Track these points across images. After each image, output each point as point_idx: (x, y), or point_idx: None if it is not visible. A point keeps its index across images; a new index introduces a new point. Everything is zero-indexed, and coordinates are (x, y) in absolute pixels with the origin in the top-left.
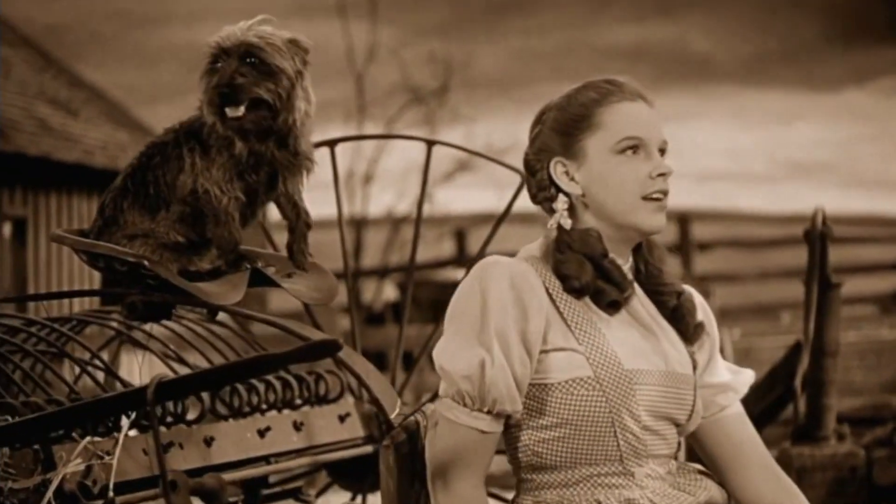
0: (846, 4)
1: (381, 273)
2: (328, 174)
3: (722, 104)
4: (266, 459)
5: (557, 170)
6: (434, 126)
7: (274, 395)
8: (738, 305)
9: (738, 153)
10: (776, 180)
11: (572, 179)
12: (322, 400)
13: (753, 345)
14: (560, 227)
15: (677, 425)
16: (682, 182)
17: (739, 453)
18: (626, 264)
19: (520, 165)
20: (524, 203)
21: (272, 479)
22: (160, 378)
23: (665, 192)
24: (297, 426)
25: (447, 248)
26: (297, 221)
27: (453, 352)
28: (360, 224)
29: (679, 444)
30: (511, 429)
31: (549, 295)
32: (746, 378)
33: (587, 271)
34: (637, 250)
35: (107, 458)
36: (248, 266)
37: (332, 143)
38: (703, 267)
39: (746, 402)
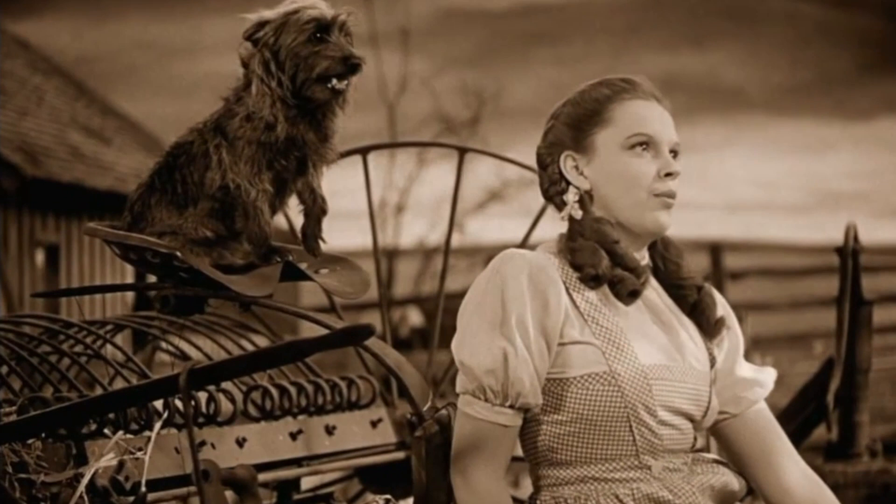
0: (877, 34)
1: (413, 302)
2: (360, 204)
3: (753, 134)
4: (298, 462)
5: (567, 163)
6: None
7: (306, 398)
8: (770, 334)
9: (770, 183)
10: (808, 210)
11: (581, 174)
12: (354, 405)
13: (785, 372)
14: (571, 219)
15: (692, 420)
16: (714, 212)
17: (770, 449)
18: (643, 260)
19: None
20: (555, 230)
21: (306, 486)
22: (193, 364)
23: (671, 194)
24: (330, 430)
25: None
26: (314, 206)
27: (475, 346)
28: (391, 254)
29: (696, 438)
30: (528, 424)
31: (567, 288)
32: (771, 374)
33: (602, 259)
34: (653, 247)
35: (139, 454)
36: (280, 259)
37: (364, 151)
38: (735, 296)
39: (778, 420)
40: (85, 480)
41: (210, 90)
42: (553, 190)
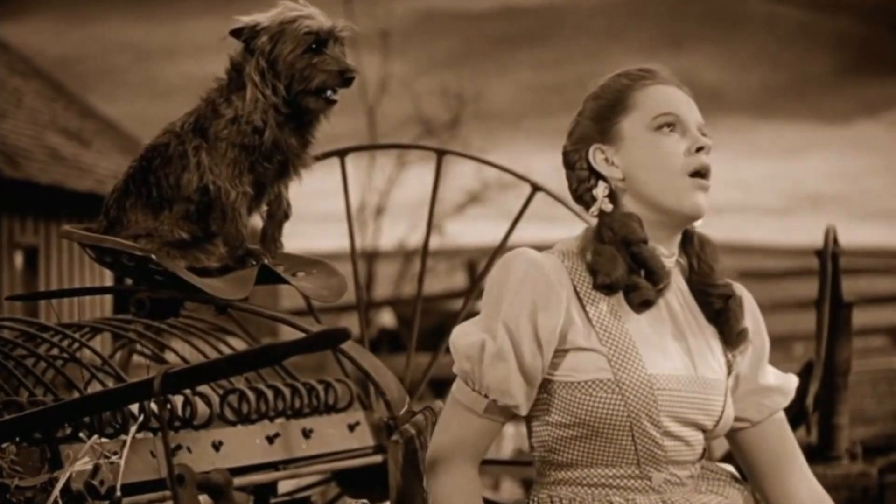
0: (856, 37)
1: (393, 304)
2: (339, 206)
3: (732, 136)
4: (275, 466)
5: (597, 157)
6: (446, 157)
7: (283, 402)
8: None
9: (749, 185)
10: (787, 212)
11: (612, 164)
12: (331, 408)
13: None
14: (602, 213)
15: (704, 431)
16: None
17: (781, 461)
18: (671, 256)
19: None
20: (535, 235)
21: (283, 490)
22: (167, 368)
23: (706, 169)
24: (307, 433)
25: (459, 280)
26: (278, 210)
27: (465, 331)
28: (371, 256)
29: (706, 449)
30: (531, 422)
31: (577, 292)
32: (793, 381)
33: (619, 267)
34: (688, 246)
35: (114, 458)
36: (256, 262)
37: (342, 153)
38: None
39: None
40: (59, 485)
41: (190, 92)
42: (583, 188)
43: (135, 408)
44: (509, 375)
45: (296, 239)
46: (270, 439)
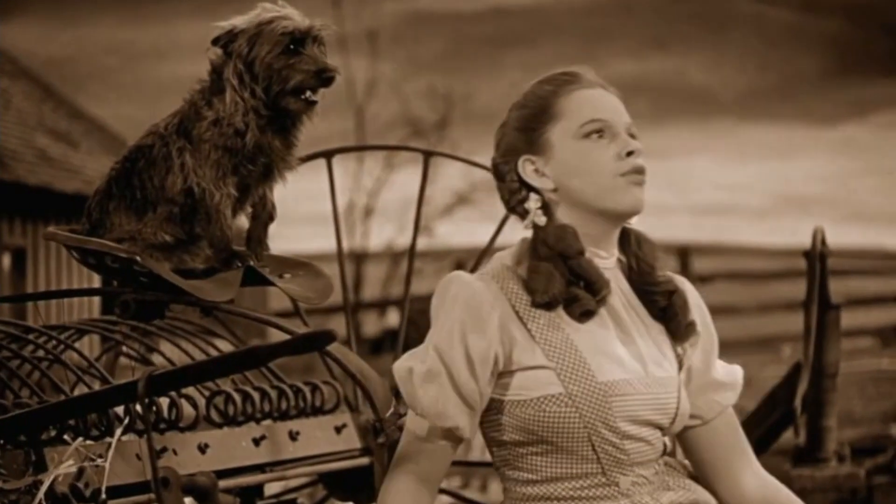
0: (844, 39)
1: (381, 305)
2: (326, 207)
3: (721, 138)
4: (261, 468)
5: (526, 168)
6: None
7: (269, 404)
8: (738, 338)
9: (738, 187)
10: (775, 214)
11: (543, 175)
12: (318, 410)
13: (754, 375)
14: (535, 227)
15: (661, 429)
16: (682, 215)
17: (735, 455)
18: (610, 258)
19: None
20: (523, 235)
21: (270, 492)
22: (152, 370)
23: (639, 169)
24: (293, 436)
25: None
26: (263, 211)
27: (402, 357)
28: (360, 258)
29: (665, 445)
30: (490, 444)
31: (515, 310)
32: (740, 374)
33: (555, 283)
34: (626, 245)
35: (99, 460)
36: (242, 264)
37: (328, 155)
38: (703, 299)
39: (746, 424)
40: (44, 487)
41: (179, 94)
42: (514, 199)
43: (120, 410)
44: (442, 397)
45: (283, 240)
46: (257, 441)
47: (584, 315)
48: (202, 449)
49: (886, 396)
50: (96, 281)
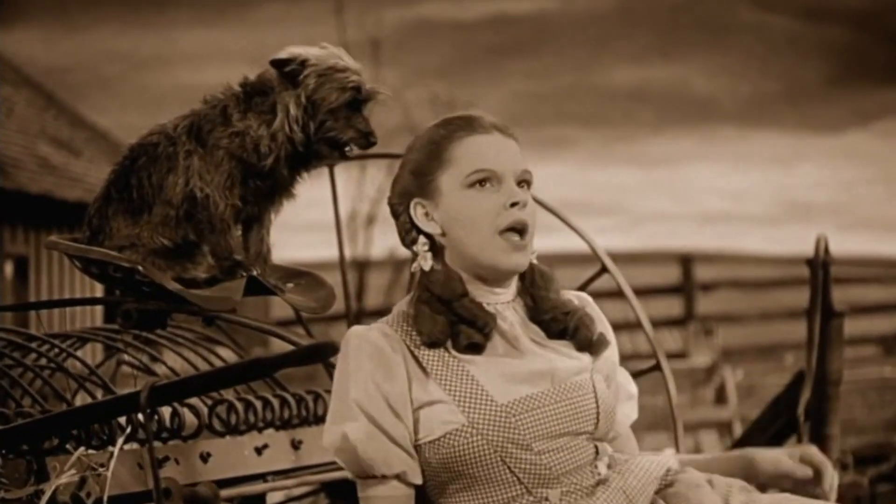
0: (847, 46)
1: (384, 313)
2: (329, 215)
3: (723, 146)
4: (263, 477)
5: (417, 211)
6: None
7: (271, 413)
8: (740, 346)
9: (740, 195)
10: (778, 222)
11: (431, 219)
12: (320, 419)
13: (756, 383)
14: (421, 271)
15: (584, 433)
16: (685, 223)
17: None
18: (506, 293)
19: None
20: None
21: (272, 501)
22: (154, 382)
23: (521, 224)
24: (296, 444)
25: None
26: (261, 246)
27: (328, 431)
28: (362, 266)
29: (597, 447)
30: (423, 493)
31: (411, 351)
32: (633, 390)
33: (438, 323)
34: (526, 282)
35: (101, 470)
36: (245, 274)
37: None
38: (706, 308)
39: (750, 432)
40: (46, 497)
41: (181, 101)
42: (408, 239)
43: (123, 419)
44: (384, 448)
45: (285, 248)
46: (259, 450)
47: (470, 348)
48: (204, 458)
49: (889, 404)
50: (99, 289)
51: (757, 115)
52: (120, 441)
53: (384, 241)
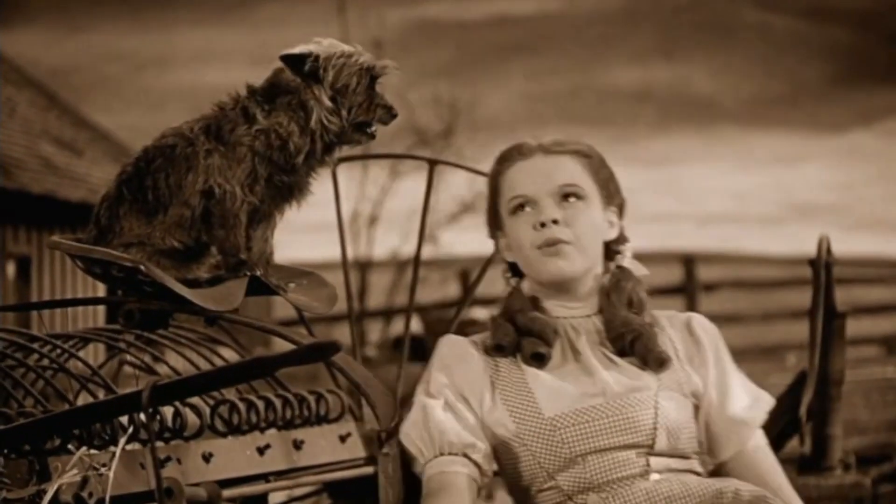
0: (850, 46)
1: (386, 314)
2: (331, 216)
3: (726, 146)
4: (265, 478)
5: (500, 243)
6: (439, 167)
7: (273, 413)
8: (743, 346)
9: (743, 195)
10: (781, 222)
11: (508, 248)
12: (322, 419)
13: (758, 383)
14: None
15: (639, 447)
16: (687, 223)
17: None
18: (583, 307)
19: None
20: None
21: (277, 501)
22: (155, 381)
23: (549, 242)
24: (298, 445)
25: (452, 290)
26: (265, 247)
27: (409, 414)
28: (364, 266)
29: (648, 463)
30: None
31: (490, 358)
32: (762, 406)
33: (508, 333)
34: (604, 297)
35: (103, 470)
36: (248, 273)
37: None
38: (708, 308)
39: None
40: (48, 497)
41: (183, 101)
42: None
43: (124, 419)
44: (453, 427)
45: (288, 248)
46: (261, 450)
47: (534, 358)
48: (206, 458)
49: (892, 405)
50: (101, 289)
51: (760, 116)
52: (122, 441)
53: (386, 241)
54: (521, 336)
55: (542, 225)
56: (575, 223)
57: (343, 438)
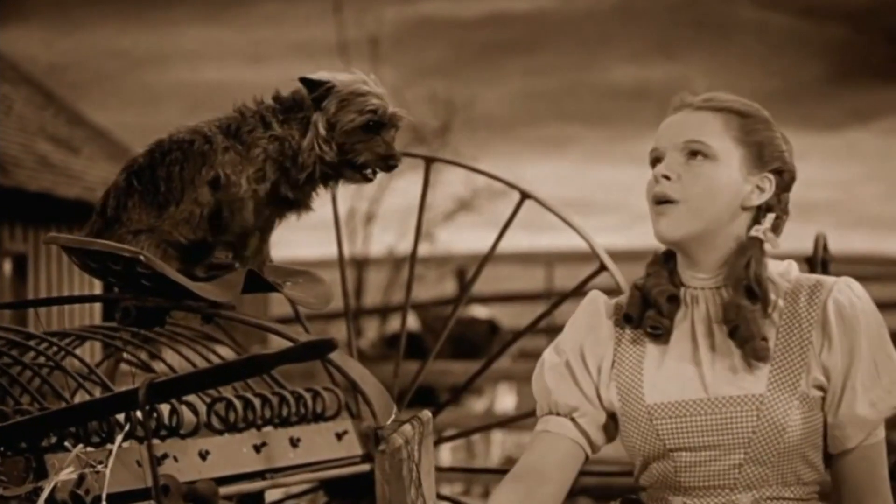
0: (847, 45)
1: (382, 312)
2: (328, 213)
3: None
4: (262, 475)
5: None
6: (435, 165)
7: (270, 410)
8: None
9: None
10: None
11: None
12: (319, 417)
13: None
14: None
15: (737, 451)
16: None
17: (864, 496)
18: (712, 279)
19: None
20: (525, 242)
21: (273, 498)
22: (152, 379)
23: (657, 198)
24: (294, 442)
25: (449, 288)
26: (258, 255)
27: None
28: (361, 264)
29: (741, 468)
30: None
31: (616, 330)
32: (882, 410)
33: (635, 302)
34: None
35: (100, 467)
36: (240, 265)
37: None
38: None
39: None
40: (44, 494)
41: (180, 99)
42: None
43: (121, 416)
44: (566, 385)
45: (284, 246)
46: (258, 448)
47: (653, 330)
48: (203, 456)
49: None
50: (98, 287)
51: None
52: (119, 438)
53: (383, 239)
54: (646, 307)
55: (656, 180)
56: (691, 182)
57: (340, 436)
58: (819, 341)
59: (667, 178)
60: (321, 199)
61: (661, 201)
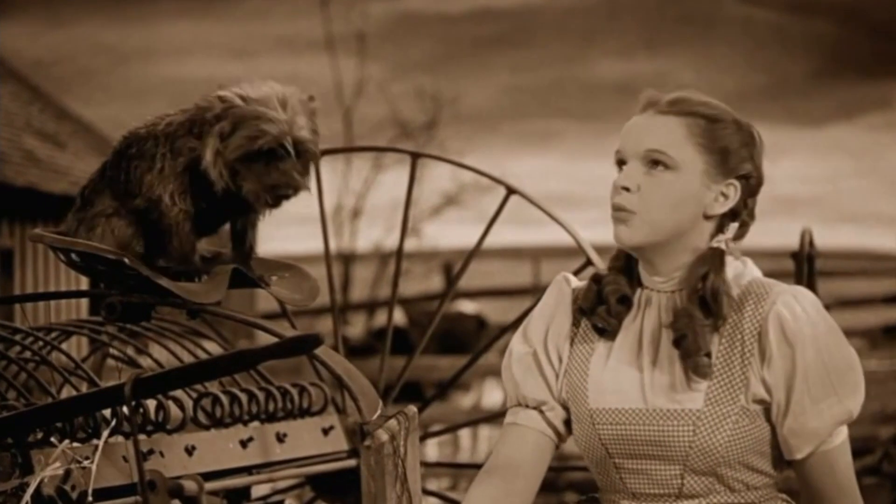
0: (832, 40)
1: (369, 307)
2: (314, 208)
3: None
4: (248, 470)
5: None
6: (422, 160)
7: (257, 406)
8: None
9: None
10: (762, 215)
11: None
12: (305, 412)
13: None
14: None
15: (675, 462)
16: None
17: (816, 499)
18: (668, 282)
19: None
20: (511, 237)
21: (260, 493)
22: (138, 374)
23: (615, 206)
24: (281, 438)
25: (435, 282)
26: (242, 246)
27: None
28: (347, 259)
29: (682, 480)
30: None
31: (576, 321)
32: (831, 420)
33: (590, 296)
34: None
35: (86, 462)
36: (199, 279)
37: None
38: None
39: None
40: (30, 490)
41: (166, 94)
42: None
43: (108, 411)
44: (532, 376)
45: (271, 241)
46: (244, 443)
47: (598, 330)
48: (189, 451)
49: (874, 398)
50: (84, 282)
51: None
52: (105, 434)
53: (370, 234)
54: (599, 303)
55: (618, 190)
56: (649, 194)
57: (326, 431)
58: (759, 356)
59: (626, 189)
60: (307, 195)
61: (618, 210)
